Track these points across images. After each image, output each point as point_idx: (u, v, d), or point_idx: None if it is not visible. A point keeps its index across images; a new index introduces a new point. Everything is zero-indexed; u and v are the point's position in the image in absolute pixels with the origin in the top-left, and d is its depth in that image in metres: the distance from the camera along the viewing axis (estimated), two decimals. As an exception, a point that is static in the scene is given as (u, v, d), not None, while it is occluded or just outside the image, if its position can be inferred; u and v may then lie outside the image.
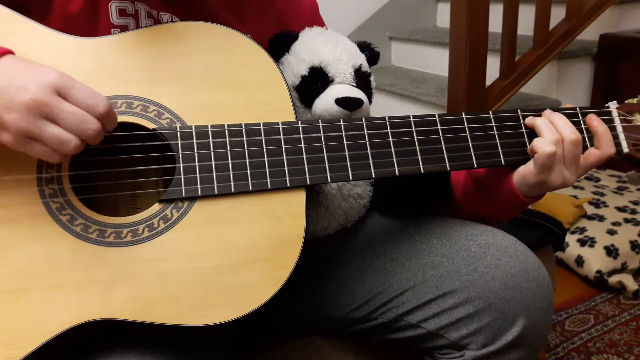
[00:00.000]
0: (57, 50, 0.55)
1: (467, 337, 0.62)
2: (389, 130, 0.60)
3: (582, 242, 1.51)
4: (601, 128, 0.64)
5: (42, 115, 0.46)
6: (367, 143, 0.59)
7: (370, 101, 0.69)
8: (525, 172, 0.63)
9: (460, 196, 0.72)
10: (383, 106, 2.23)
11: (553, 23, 1.73)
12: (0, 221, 0.50)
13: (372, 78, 0.70)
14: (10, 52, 0.50)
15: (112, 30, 0.62)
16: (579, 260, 1.48)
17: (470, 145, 0.61)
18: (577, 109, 0.66)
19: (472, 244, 0.64)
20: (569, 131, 0.62)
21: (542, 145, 0.61)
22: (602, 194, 1.75)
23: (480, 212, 0.71)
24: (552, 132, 0.62)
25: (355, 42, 0.71)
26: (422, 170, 0.59)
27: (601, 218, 1.60)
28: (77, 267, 0.51)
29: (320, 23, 0.78)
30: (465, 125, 0.62)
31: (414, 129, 0.60)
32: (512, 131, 0.63)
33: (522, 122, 0.64)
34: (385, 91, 2.20)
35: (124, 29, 0.62)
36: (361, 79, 0.68)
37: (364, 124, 0.59)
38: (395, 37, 2.50)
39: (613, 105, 0.68)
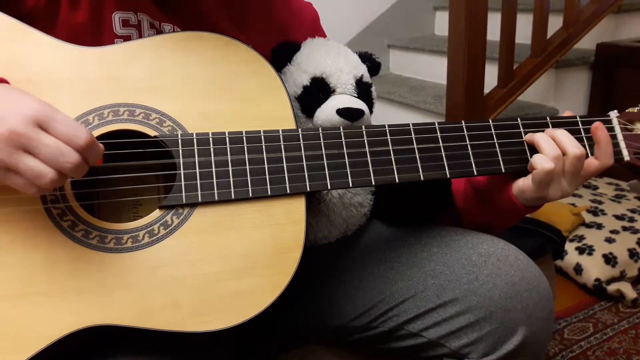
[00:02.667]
0: (59, 59, 0.55)
1: (467, 346, 0.61)
2: (388, 137, 0.60)
3: (581, 250, 1.51)
4: (604, 139, 0.63)
5: (20, 147, 0.45)
6: (367, 151, 0.59)
7: (371, 111, 0.70)
8: (523, 186, 0.63)
9: (461, 204, 0.73)
10: (381, 114, 2.24)
11: (550, 32, 1.74)
12: (1, 226, 0.50)
13: (373, 88, 0.71)
14: (4, 80, 0.50)
15: (115, 40, 0.62)
16: (578, 269, 1.48)
17: (470, 153, 0.61)
18: (578, 117, 0.67)
19: (472, 252, 0.64)
20: (572, 146, 0.61)
21: (541, 162, 0.60)
22: (600, 202, 1.75)
23: (479, 220, 0.71)
24: (552, 147, 0.61)
25: (356, 53, 0.71)
26: (422, 178, 0.60)
27: (599, 226, 1.61)
28: (78, 272, 0.51)
29: (322, 34, 0.79)
30: (465, 133, 0.62)
31: (413, 136, 0.60)
32: (512, 139, 0.63)
33: (521, 130, 0.64)
34: (384, 99, 2.20)
35: (127, 39, 0.63)
36: (362, 90, 0.68)
37: (364, 132, 0.60)
38: (394, 45, 2.52)
39: (614, 114, 0.68)
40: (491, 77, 1.65)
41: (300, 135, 0.58)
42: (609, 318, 1.36)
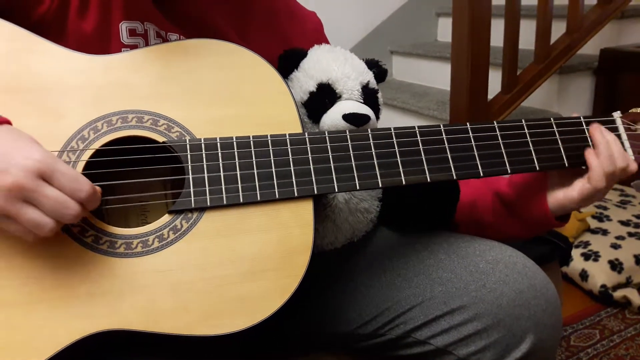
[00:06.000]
0: (68, 67, 0.56)
1: (475, 353, 0.61)
2: (394, 140, 0.60)
3: (586, 256, 1.50)
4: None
5: (23, 199, 0.46)
6: (374, 153, 0.59)
7: (377, 117, 0.70)
8: (564, 201, 0.64)
9: (490, 218, 0.73)
10: (385, 120, 2.20)
11: (554, 38, 1.74)
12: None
13: (379, 95, 0.71)
14: (7, 122, 0.50)
15: (122, 49, 0.63)
16: (584, 275, 1.47)
17: (476, 154, 0.62)
18: (582, 118, 0.67)
19: (480, 260, 0.64)
20: (621, 160, 0.63)
21: (597, 178, 0.61)
22: (605, 208, 1.75)
23: (507, 233, 0.71)
24: (611, 163, 0.62)
25: (363, 60, 0.71)
26: (428, 180, 0.60)
27: (605, 232, 1.60)
28: (88, 278, 0.51)
29: (326, 43, 0.79)
30: (470, 134, 0.62)
31: (419, 138, 0.61)
32: (517, 140, 0.64)
33: (526, 131, 0.64)
34: (387, 105, 2.21)
35: (133, 48, 0.63)
36: (369, 96, 0.68)
37: (370, 134, 0.60)
38: (397, 51, 2.53)
39: (617, 114, 0.69)
40: (495, 83, 1.65)
41: (307, 138, 0.58)
42: (615, 325, 1.35)
